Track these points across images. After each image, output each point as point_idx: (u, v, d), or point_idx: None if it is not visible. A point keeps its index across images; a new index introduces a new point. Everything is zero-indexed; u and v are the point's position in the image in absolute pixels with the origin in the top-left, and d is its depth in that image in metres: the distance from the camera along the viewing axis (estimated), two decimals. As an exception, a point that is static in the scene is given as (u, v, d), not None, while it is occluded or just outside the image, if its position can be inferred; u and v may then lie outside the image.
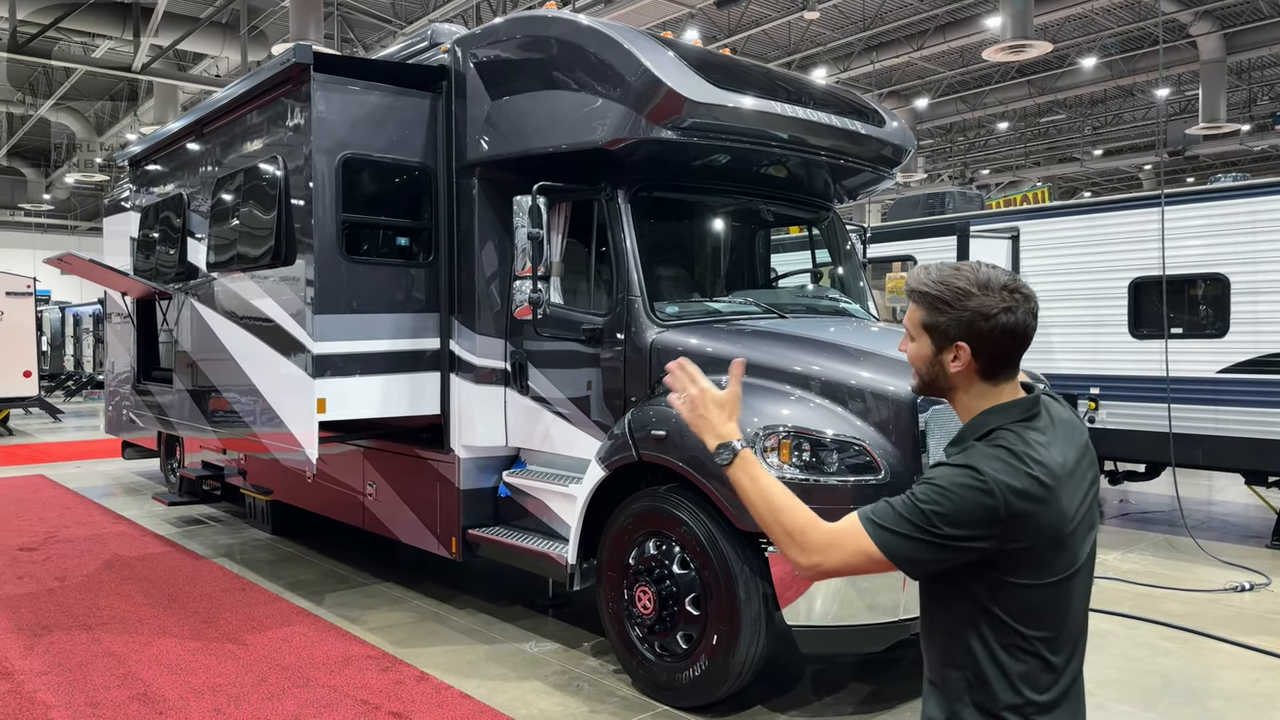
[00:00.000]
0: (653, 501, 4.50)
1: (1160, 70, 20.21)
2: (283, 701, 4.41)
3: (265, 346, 5.79)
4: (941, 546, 1.70)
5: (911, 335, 1.90)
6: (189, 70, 20.32)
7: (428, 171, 5.57)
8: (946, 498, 1.70)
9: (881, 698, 4.54)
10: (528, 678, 4.76)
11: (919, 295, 1.88)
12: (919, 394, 2.01)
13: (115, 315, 9.21)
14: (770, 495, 1.82)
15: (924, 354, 1.89)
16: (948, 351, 1.84)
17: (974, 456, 1.75)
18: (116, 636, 5.33)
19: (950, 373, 1.86)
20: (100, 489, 10.65)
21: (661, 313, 4.91)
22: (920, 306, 1.88)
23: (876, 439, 4.12)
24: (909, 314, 1.91)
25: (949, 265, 1.89)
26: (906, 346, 1.93)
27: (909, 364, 1.94)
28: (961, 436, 1.85)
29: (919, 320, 1.88)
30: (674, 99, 4.63)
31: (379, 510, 6.26)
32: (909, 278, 1.93)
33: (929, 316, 1.85)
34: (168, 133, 7.56)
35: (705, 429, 1.92)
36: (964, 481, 1.71)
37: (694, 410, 1.93)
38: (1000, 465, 1.71)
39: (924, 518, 1.70)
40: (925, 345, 1.88)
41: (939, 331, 1.84)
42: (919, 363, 1.91)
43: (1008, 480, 1.70)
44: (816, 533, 1.76)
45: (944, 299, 1.82)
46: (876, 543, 1.72)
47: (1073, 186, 32.70)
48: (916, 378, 1.95)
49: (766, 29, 18.83)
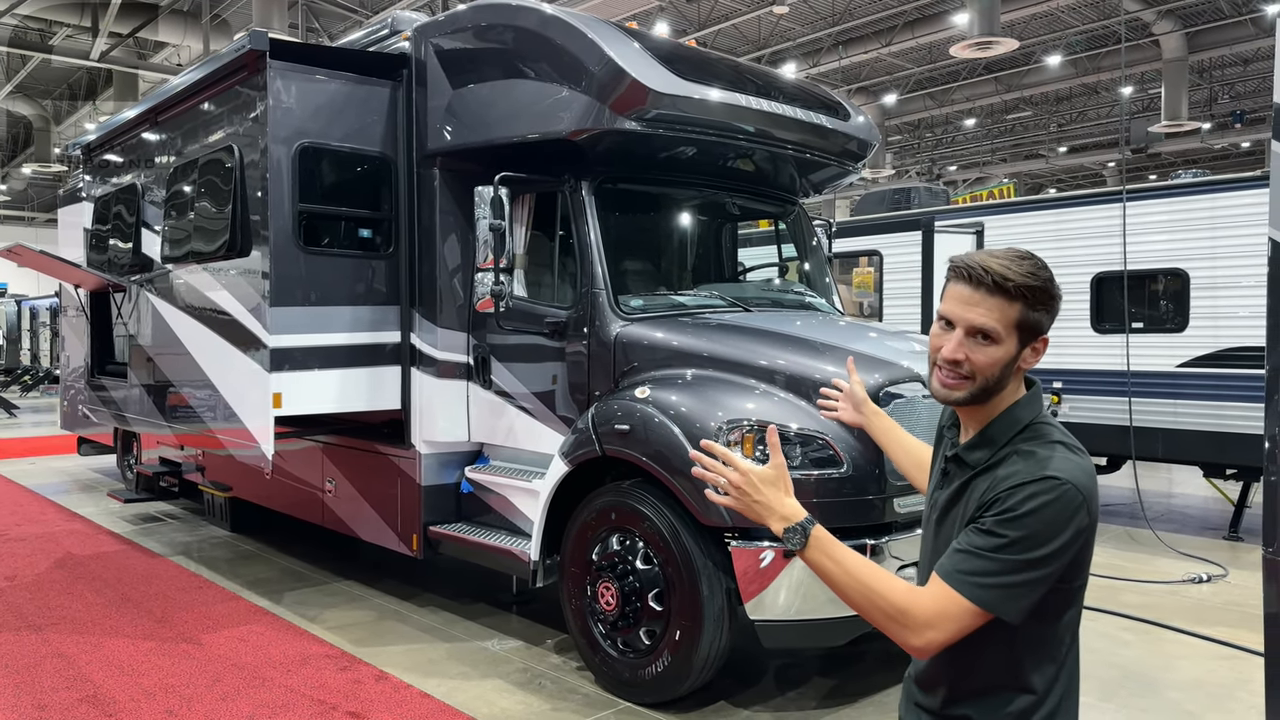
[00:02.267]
0: (616, 496, 4.45)
1: (1123, 69, 20.46)
2: (237, 702, 4.31)
3: (221, 340, 5.66)
4: (1046, 576, 1.57)
5: (994, 337, 1.65)
6: (150, 59, 19.94)
7: (388, 161, 5.47)
8: (1036, 519, 1.56)
9: (844, 692, 4.54)
10: (489, 676, 4.70)
11: (1027, 290, 1.63)
12: (967, 404, 1.73)
13: (70, 308, 9.01)
14: (859, 576, 1.63)
15: (1008, 357, 1.66)
16: (1029, 348, 1.67)
17: (1035, 462, 1.61)
18: (67, 637, 5.20)
19: (1014, 372, 1.68)
20: (55, 486, 10.42)
21: (626, 306, 4.86)
22: (1014, 302, 1.64)
23: (840, 433, 4.10)
24: (992, 314, 1.65)
25: (1008, 251, 1.69)
26: (975, 354, 1.67)
27: (970, 371, 1.68)
28: (993, 437, 1.70)
29: (1013, 319, 1.64)
30: (638, 89, 4.58)
31: (338, 507, 6.16)
32: (995, 270, 1.64)
33: (1027, 312, 1.64)
34: (121, 121, 7.38)
35: (764, 513, 1.70)
36: (1046, 498, 1.56)
37: (744, 496, 1.71)
38: (1065, 463, 1.61)
39: (1022, 555, 1.55)
40: (1012, 346, 1.66)
41: (1032, 328, 1.65)
42: (993, 369, 1.66)
43: (1079, 474, 1.60)
44: (918, 608, 1.59)
45: (1049, 291, 1.65)
46: (983, 604, 1.57)
47: (1038, 183, 33.09)
48: (975, 386, 1.68)
49: (736, 23, 18.84)
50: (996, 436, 1.70)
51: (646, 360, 4.62)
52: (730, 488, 1.72)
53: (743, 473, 1.71)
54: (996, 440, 1.69)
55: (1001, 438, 1.69)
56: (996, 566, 1.57)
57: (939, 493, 1.84)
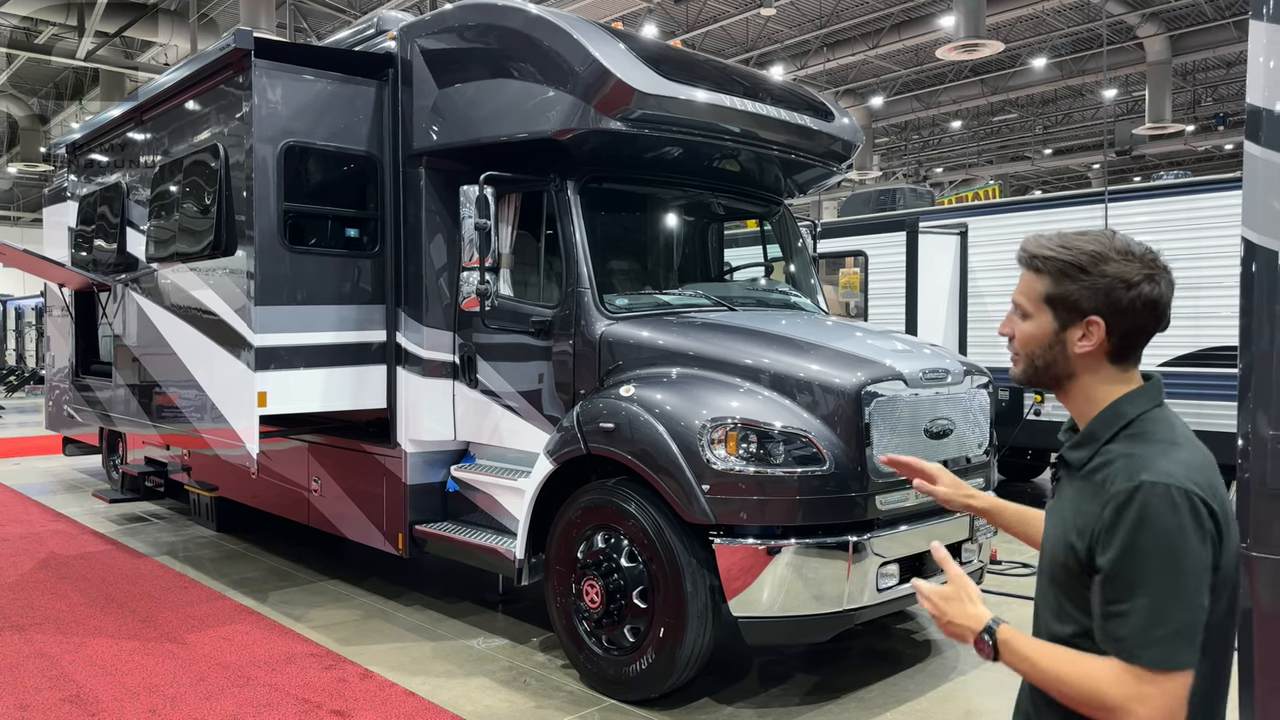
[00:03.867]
0: (601, 495, 4.47)
1: (1105, 72, 20.60)
2: (221, 701, 4.31)
3: (206, 339, 5.65)
4: (1204, 602, 1.44)
5: (1025, 312, 1.64)
6: (137, 59, 19.85)
7: (373, 161, 5.48)
8: (1148, 540, 1.42)
9: (828, 688, 4.56)
10: (474, 674, 4.71)
11: (1042, 261, 1.60)
12: (1024, 384, 1.70)
13: (55, 308, 8.96)
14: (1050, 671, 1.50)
15: (1042, 334, 1.61)
16: (1075, 329, 1.58)
17: (1131, 466, 1.48)
18: (50, 637, 5.18)
19: (1073, 355, 1.60)
20: (40, 486, 10.36)
21: (611, 305, 4.88)
22: (1041, 275, 1.60)
23: (822, 431, 4.13)
24: (1022, 287, 1.64)
25: (1079, 231, 1.62)
26: (1013, 327, 1.66)
27: (1017, 347, 1.66)
28: (1094, 433, 1.59)
29: (1039, 292, 1.61)
30: (623, 90, 4.60)
31: (324, 506, 6.16)
32: (1024, 243, 1.64)
33: (1054, 286, 1.58)
34: (106, 119, 7.36)
35: (959, 630, 1.61)
36: (1147, 510, 1.43)
37: (938, 620, 1.64)
38: (1166, 460, 1.48)
39: (1174, 596, 1.41)
40: (1045, 323, 1.61)
41: (1067, 304, 1.58)
42: (1032, 345, 1.63)
43: (1181, 470, 1.47)
44: (1118, 688, 1.42)
45: (1076, 264, 1.56)
46: (1171, 666, 1.41)
47: (1024, 185, 33.26)
48: (1024, 364, 1.67)
49: (724, 25, 18.88)
50: (1098, 433, 1.59)
51: (631, 359, 4.64)
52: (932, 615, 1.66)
53: (926, 596, 1.65)
54: (1098, 437, 1.58)
55: (1103, 434, 1.58)
56: (1157, 619, 1.40)
57: (1050, 500, 1.73)
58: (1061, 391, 1.66)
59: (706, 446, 4.07)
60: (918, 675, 4.72)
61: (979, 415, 4.78)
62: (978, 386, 4.81)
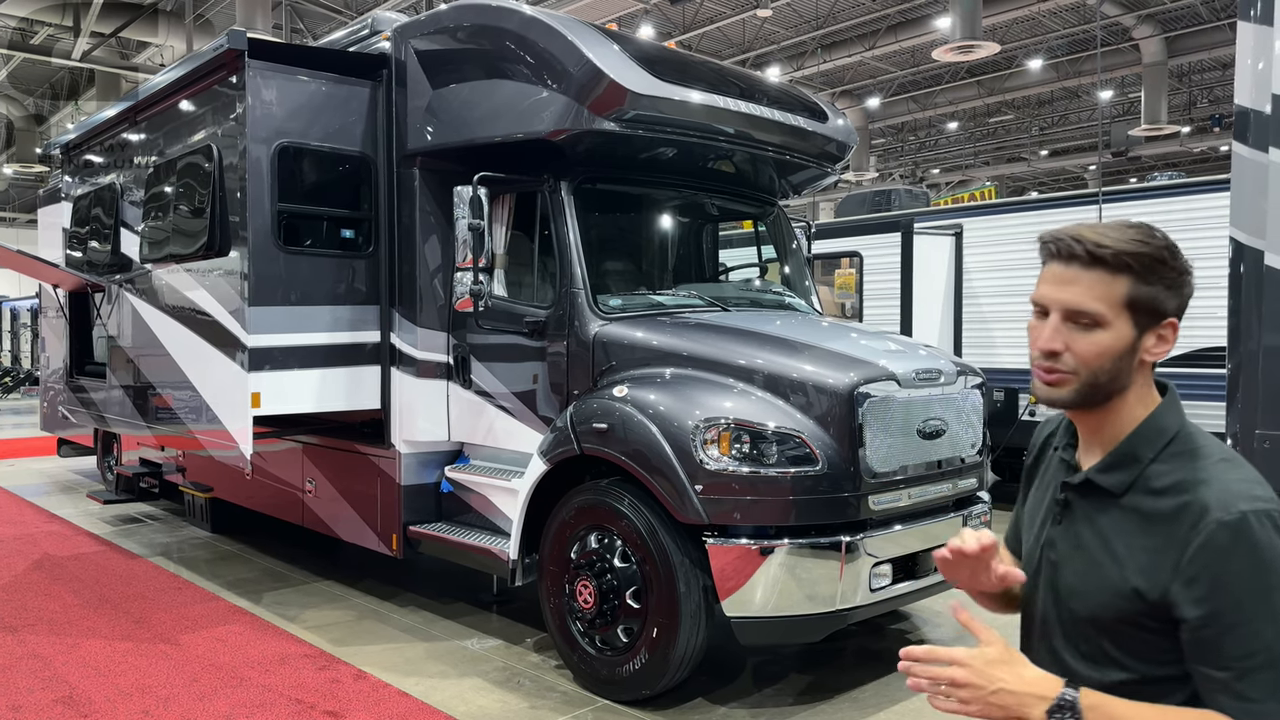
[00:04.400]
0: (594, 495, 4.48)
1: (1098, 73, 20.65)
2: (214, 702, 4.30)
3: (200, 340, 5.65)
4: None
5: (1097, 319, 1.36)
6: (132, 59, 19.83)
7: (368, 161, 5.48)
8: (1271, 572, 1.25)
9: (821, 688, 4.57)
10: (468, 675, 4.71)
11: (1130, 257, 1.34)
12: (1073, 406, 1.43)
13: (50, 309, 8.95)
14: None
15: (1120, 345, 1.36)
16: (1150, 334, 1.38)
17: (1215, 491, 1.30)
18: (43, 638, 5.17)
19: (1138, 365, 1.39)
20: (34, 487, 10.34)
21: (605, 305, 4.88)
22: (1119, 275, 1.35)
23: (815, 431, 4.14)
24: (1094, 291, 1.36)
25: (1114, 222, 1.42)
26: (1066, 340, 1.38)
27: (1073, 364, 1.39)
28: (1134, 453, 1.40)
29: (1120, 295, 1.35)
30: (616, 90, 4.61)
31: (319, 507, 6.16)
32: (1087, 238, 1.37)
33: (1138, 286, 1.34)
34: (100, 120, 7.35)
35: (1013, 703, 1.32)
36: (1277, 543, 1.26)
37: (977, 693, 1.33)
38: (1260, 487, 1.32)
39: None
40: (1124, 330, 1.36)
41: (1151, 306, 1.35)
42: (1105, 359, 1.37)
43: (1269, 490, 1.32)
44: None
45: (1159, 258, 1.35)
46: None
47: (1020, 186, 33.31)
48: (1081, 382, 1.39)
49: (720, 26, 18.90)
50: (1140, 452, 1.39)
51: (625, 359, 4.64)
52: (955, 688, 1.34)
53: (963, 663, 1.34)
54: (1140, 456, 1.39)
55: (1146, 453, 1.38)
56: (1278, 675, 1.24)
57: (1053, 530, 1.52)
58: (1103, 409, 1.42)
59: (700, 447, 4.08)
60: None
61: (972, 415, 4.79)
62: (971, 387, 4.82)
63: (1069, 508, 1.49)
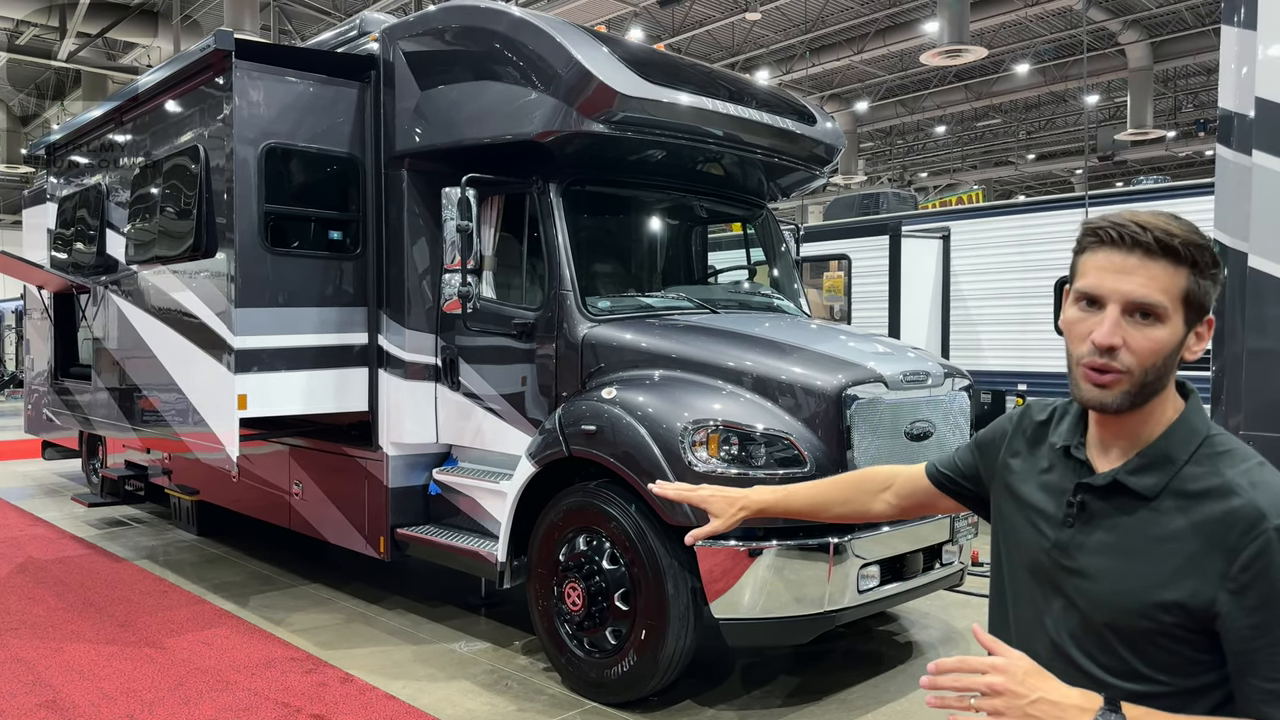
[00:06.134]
0: (583, 497, 4.47)
1: (1085, 78, 20.78)
2: (200, 706, 4.27)
3: (186, 341, 5.62)
4: None
5: (1161, 313, 1.28)
6: (119, 60, 19.72)
7: (355, 162, 5.46)
8: None
9: (810, 690, 4.57)
10: (456, 678, 4.69)
11: (1196, 251, 1.26)
12: (1122, 410, 1.35)
13: (35, 311, 8.88)
14: None
15: (1175, 341, 1.29)
16: (1194, 331, 1.32)
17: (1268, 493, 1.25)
18: (26, 642, 5.13)
19: (1178, 363, 1.32)
20: (18, 490, 10.26)
21: (593, 307, 4.88)
22: (1181, 267, 1.27)
23: (804, 433, 4.14)
24: (1159, 282, 1.27)
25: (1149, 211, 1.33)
26: (1135, 338, 1.29)
27: (1129, 362, 1.30)
28: (1169, 454, 1.34)
29: (1180, 289, 1.27)
30: (605, 92, 4.61)
31: (305, 510, 6.13)
32: (1157, 225, 1.27)
33: (1196, 281, 1.27)
34: (85, 120, 7.31)
35: (1057, 713, 1.24)
36: None
37: (1015, 700, 1.24)
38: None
39: None
40: (1179, 326, 1.29)
41: (1201, 303, 1.29)
42: (1159, 356, 1.29)
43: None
44: None
45: (1212, 252, 1.28)
46: None
47: (1008, 189, 33.49)
48: (1135, 381, 1.31)
49: (710, 29, 18.92)
50: (1175, 453, 1.32)
51: (614, 361, 4.64)
52: (989, 698, 1.25)
53: (1000, 669, 1.26)
54: (1175, 458, 1.32)
55: (1181, 455, 1.32)
56: None
57: (1064, 533, 1.43)
58: (1139, 410, 1.34)
59: (688, 448, 4.08)
60: (899, 676, 4.74)
61: (959, 418, 4.80)
62: (958, 389, 4.84)
63: (1085, 509, 1.41)
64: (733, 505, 1.94)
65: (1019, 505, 1.55)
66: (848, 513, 1.98)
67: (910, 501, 1.88)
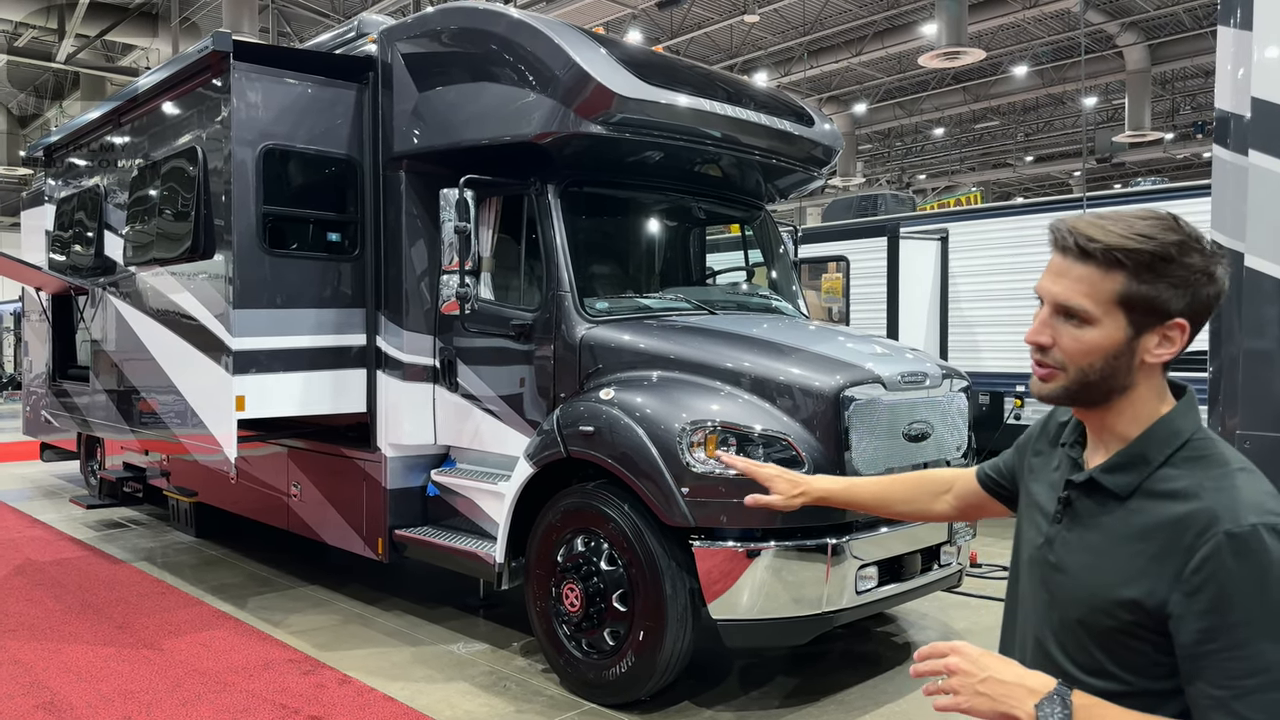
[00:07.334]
0: (581, 498, 4.47)
1: (1083, 80, 20.82)
2: (198, 707, 4.27)
3: (184, 343, 5.62)
4: None
5: (1087, 316, 1.32)
6: (118, 62, 19.73)
7: (353, 164, 5.47)
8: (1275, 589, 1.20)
9: (808, 690, 4.57)
10: (454, 679, 4.69)
11: (1123, 253, 1.28)
12: (1061, 402, 1.42)
13: (33, 313, 8.88)
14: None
15: (1110, 343, 1.32)
16: (1151, 334, 1.32)
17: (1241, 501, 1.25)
18: (24, 644, 5.12)
19: (1140, 365, 1.33)
20: (16, 492, 10.25)
21: (591, 309, 4.88)
22: (1114, 271, 1.29)
23: (801, 434, 4.15)
24: (1082, 286, 1.32)
25: (1135, 210, 1.33)
26: (1054, 334, 1.36)
27: (1060, 359, 1.36)
28: (1144, 454, 1.35)
29: (1112, 292, 1.30)
30: (603, 94, 4.61)
31: (303, 511, 6.12)
32: (1079, 228, 1.32)
33: (1135, 284, 1.29)
34: (84, 122, 7.31)
35: (1002, 694, 1.29)
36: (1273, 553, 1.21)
37: (967, 678, 1.31)
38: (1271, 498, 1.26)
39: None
40: (1115, 328, 1.31)
41: (1151, 305, 1.29)
42: (1092, 357, 1.33)
43: None
44: None
45: (1163, 255, 1.28)
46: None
47: (1006, 191, 33.53)
48: (1070, 379, 1.36)
49: (708, 31, 18.94)
50: (1150, 454, 1.34)
51: (612, 362, 4.64)
52: (948, 680, 1.32)
53: (958, 651, 1.33)
54: (1150, 458, 1.34)
55: (1155, 455, 1.33)
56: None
57: (1053, 528, 1.46)
58: (1104, 408, 1.38)
59: (686, 449, 4.08)
60: (897, 677, 4.74)
61: (957, 418, 4.81)
62: (956, 390, 4.84)
63: (1071, 506, 1.44)
64: (795, 488, 2.00)
65: (1029, 503, 1.58)
66: (910, 511, 1.99)
67: (967, 504, 1.89)
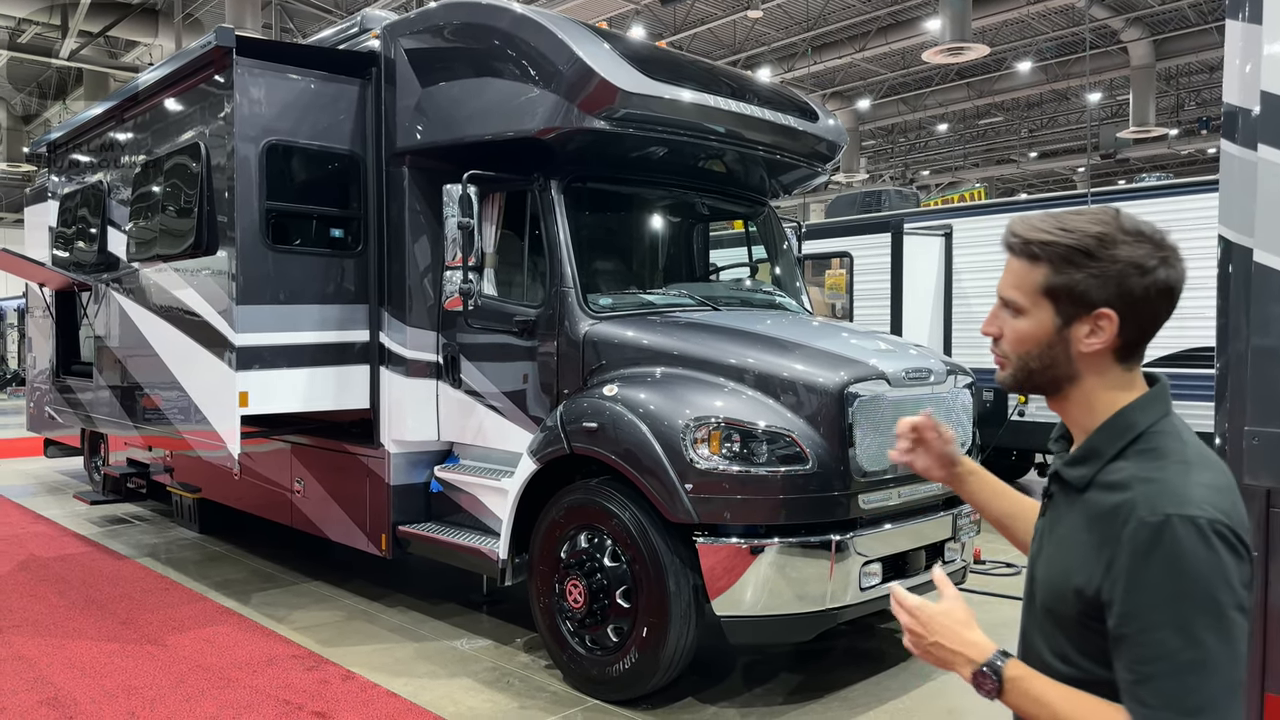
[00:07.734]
0: (584, 494, 4.46)
1: (1087, 76, 20.74)
2: (201, 703, 4.27)
3: (187, 339, 5.62)
4: (1244, 651, 1.25)
5: (1018, 307, 1.43)
6: (121, 58, 19.73)
7: (356, 159, 5.46)
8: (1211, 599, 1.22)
9: (811, 687, 4.56)
10: (457, 675, 4.69)
11: (1039, 246, 1.38)
12: (1014, 390, 1.51)
13: (37, 309, 8.89)
14: (1069, 716, 1.32)
15: (1041, 332, 1.41)
16: (1082, 324, 1.38)
17: (1152, 492, 1.29)
18: (28, 639, 5.13)
19: (1078, 355, 1.40)
20: (20, 488, 10.26)
21: (595, 304, 4.87)
22: (1038, 264, 1.39)
23: (805, 430, 4.13)
24: (1013, 279, 1.43)
25: (1084, 209, 1.40)
26: (1000, 325, 1.47)
27: (1005, 349, 1.47)
28: (1095, 449, 1.40)
29: (1037, 284, 1.39)
30: (606, 89, 4.60)
31: (307, 508, 6.12)
32: (1013, 227, 1.43)
33: (1056, 275, 1.37)
34: (87, 118, 7.30)
35: (945, 656, 1.42)
36: (1179, 547, 1.23)
37: (918, 639, 1.45)
38: (1194, 487, 1.28)
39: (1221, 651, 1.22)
40: (1044, 319, 1.40)
41: (1073, 296, 1.37)
42: (1027, 346, 1.43)
43: (1213, 499, 1.28)
44: None
45: (1082, 248, 1.35)
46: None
47: (1010, 187, 33.44)
48: (1015, 367, 1.46)
49: (711, 27, 18.90)
50: (1101, 447, 1.39)
51: (615, 358, 4.63)
52: (906, 637, 1.47)
53: (910, 610, 1.46)
54: (1102, 453, 1.38)
55: (1108, 449, 1.38)
56: (1183, 683, 1.22)
57: (1040, 521, 1.54)
58: (1059, 397, 1.46)
59: (690, 446, 4.07)
60: (901, 674, 4.73)
61: (962, 415, 4.79)
62: (961, 386, 4.83)
63: (1051, 500, 1.51)
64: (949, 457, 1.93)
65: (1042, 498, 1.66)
66: None
67: None
